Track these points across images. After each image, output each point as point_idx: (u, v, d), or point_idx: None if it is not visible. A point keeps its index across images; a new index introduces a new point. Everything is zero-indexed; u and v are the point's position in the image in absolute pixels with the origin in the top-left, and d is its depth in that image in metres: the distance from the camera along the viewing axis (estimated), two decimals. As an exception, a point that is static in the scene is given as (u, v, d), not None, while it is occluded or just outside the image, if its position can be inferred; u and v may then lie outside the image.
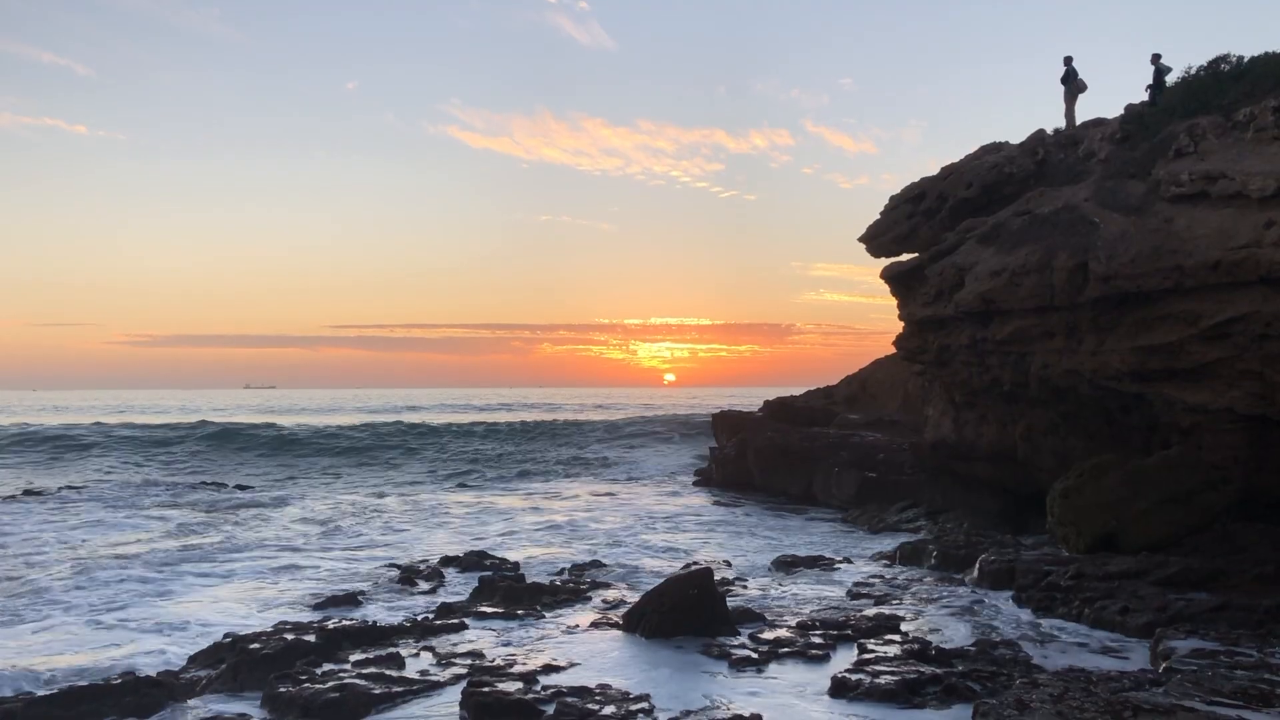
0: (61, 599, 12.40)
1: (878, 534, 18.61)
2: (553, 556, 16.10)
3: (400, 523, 20.73)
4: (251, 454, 37.51)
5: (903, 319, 19.64)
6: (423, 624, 10.57)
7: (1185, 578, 11.10)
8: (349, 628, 10.05)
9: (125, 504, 23.50)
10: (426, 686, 8.35)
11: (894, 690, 7.88)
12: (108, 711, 7.72)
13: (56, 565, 14.76)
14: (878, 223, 22.49)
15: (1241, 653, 8.40)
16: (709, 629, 9.98)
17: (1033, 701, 7.01)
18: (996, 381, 17.46)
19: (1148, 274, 14.24)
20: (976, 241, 17.70)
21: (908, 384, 27.74)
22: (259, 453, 37.83)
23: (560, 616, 11.29)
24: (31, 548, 16.65)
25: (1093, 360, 15.31)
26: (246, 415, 57.30)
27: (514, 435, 35.29)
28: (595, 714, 7.36)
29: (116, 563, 14.93)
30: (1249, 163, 14.09)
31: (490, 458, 34.34)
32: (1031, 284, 15.76)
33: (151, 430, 43.04)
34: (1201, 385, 14.26)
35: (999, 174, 19.42)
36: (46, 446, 38.95)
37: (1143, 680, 7.65)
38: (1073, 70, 20.89)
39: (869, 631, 10.05)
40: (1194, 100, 16.60)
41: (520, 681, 8.11)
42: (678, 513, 22.49)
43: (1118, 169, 16.76)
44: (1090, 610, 10.65)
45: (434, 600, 12.20)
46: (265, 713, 7.79)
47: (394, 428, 42.60)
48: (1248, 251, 13.23)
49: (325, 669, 8.65)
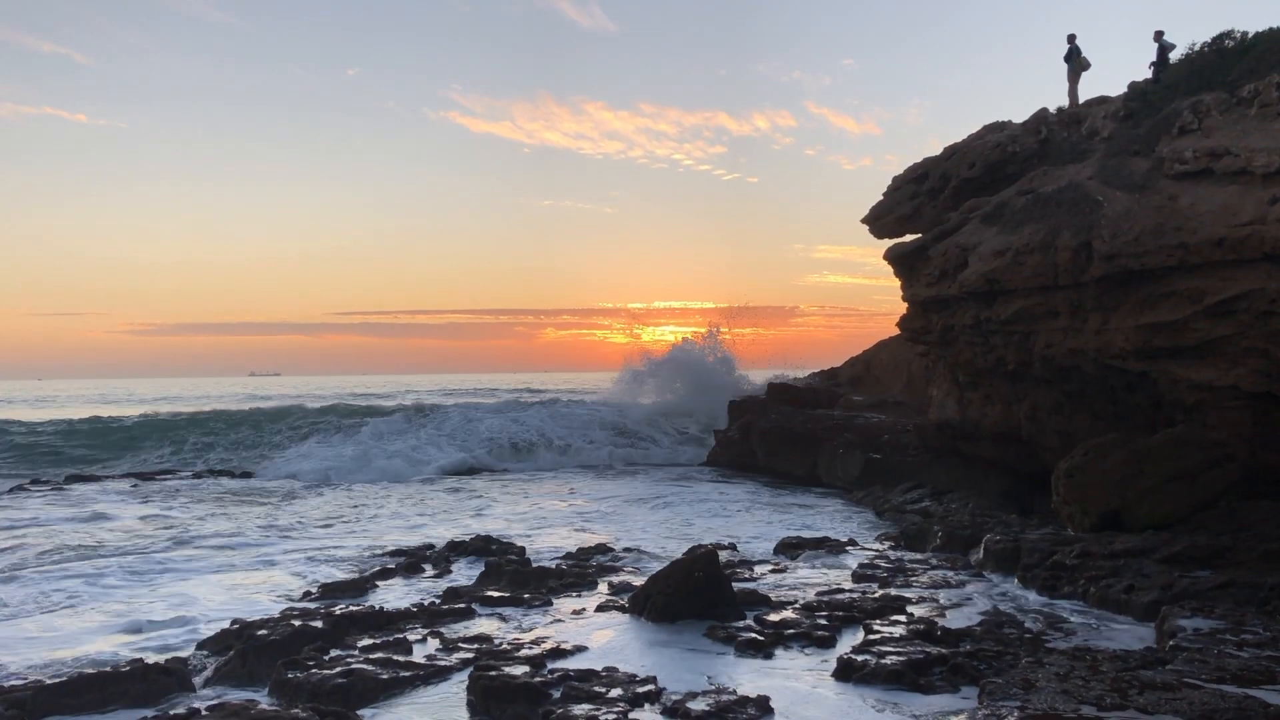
0: (63, 586, 12.43)
1: (882, 515, 18.62)
2: (559, 540, 16.15)
3: (405, 508, 20.79)
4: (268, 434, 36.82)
5: (906, 300, 19.62)
6: (429, 609, 10.61)
7: (1190, 555, 11.11)
8: (356, 614, 10.09)
9: (136, 491, 23.55)
10: (434, 671, 8.39)
11: (900, 671, 7.90)
12: (118, 699, 7.76)
13: (63, 551, 14.80)
14: (881, 204, 22.45)
15: (1248, 630, 8.41)
16: (714, 611, 10.01)
17: (1039, 680, 7.04)
18: (1001, 361, 17.44)
19: (1151, 252, 14.20)
20: (980, 221, 17.65)
21: (911, 365, 27.72)
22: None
23: (566, 600, 11.33)
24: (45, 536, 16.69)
25: (1097, 339, 15.29)
26: (254, 403, 57.14)
27: (516, 419, 35.28)
28: (602, 696, 7.39)
29: (126, 548, 14.98)
30: (1253, 139, 14.03)
31: (492, 441, 34.34)
32: (1035, 263, 15.72)
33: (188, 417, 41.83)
34: (1206, 363, 14.24)
35: (1002, 153, 19.36)
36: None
37: (1149, 658, 7.67)
38: (1076, 48, 20.80)
39: (874, 613, 10.07)
40: (1198, 77, 16.52)
41: (527, 665, 8.15)
42: (682, 495, 22.52)
43: (1121, 147, 16.69)
44: (1096, 589, 10.67)
45: (440, 585, 12.24)
46: (274, 699, 7.83)
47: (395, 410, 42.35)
48: (1252, 228, 13.19)
49: (333, 655, 8.69)
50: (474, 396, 55.75)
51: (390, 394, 67.67)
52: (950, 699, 7.50)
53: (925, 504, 18.86)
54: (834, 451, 23.44)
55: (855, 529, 17.00)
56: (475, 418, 35.26)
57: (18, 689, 7.82)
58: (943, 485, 19.58)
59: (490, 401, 45.31)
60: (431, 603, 11.06)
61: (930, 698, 7.55)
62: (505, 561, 13.04)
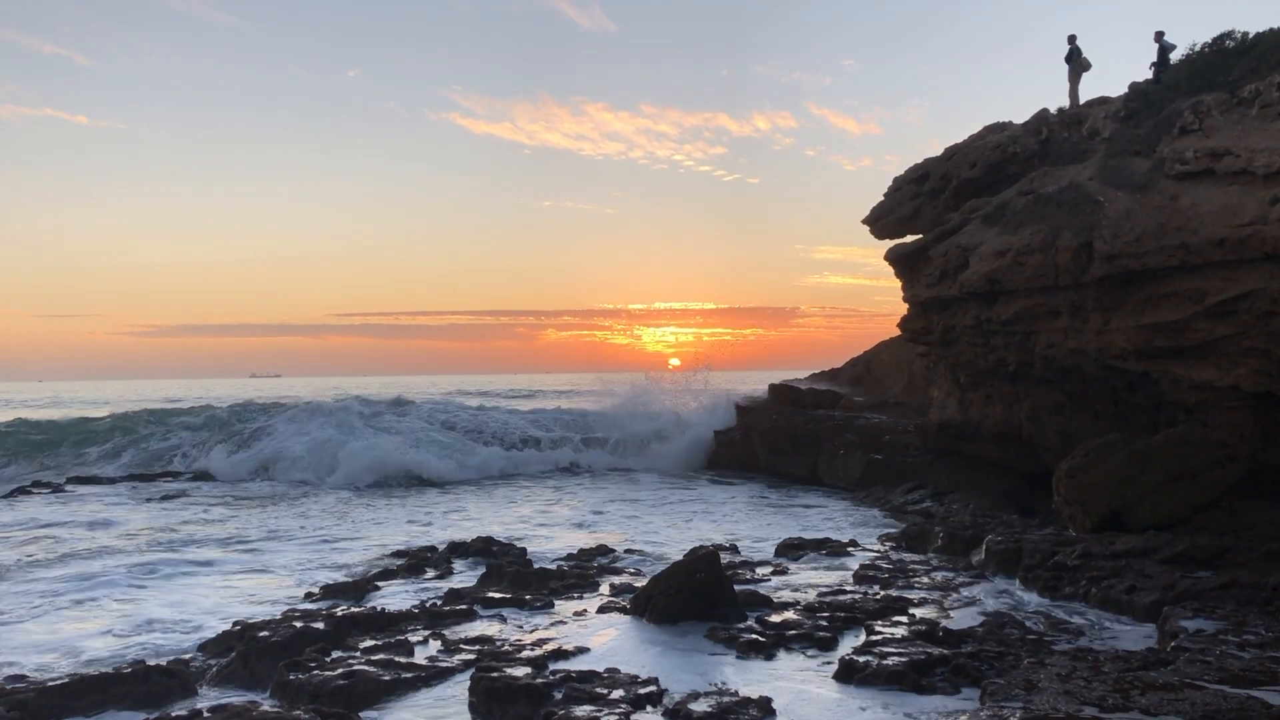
0: (64, 588, 12.42)
1: (884, 516, 18.62)
2: (559, 542, 16.14)
3: (406, 509, 20.79)
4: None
5: (907, 300, 19.62)
6: (431, 610, 10.60)
7: (1192, 556, 11.10)
8: (358, 615, 10.09)
9: (136, 493, 23.56)
10: (436, 673, 8.39)
11: (902, 672, 7.90)
12: (119, 701, 7.75)
13: (64, 553, 14.80)
14: (881, 204, 22.44)
15: (1250, 630, 8.41)
16: (716, 613, 10.00)
17: (1041, 681, 7.03)
18: (1001, 362, 17.44)
19: (1152, 252, 14.19)
20: (980, 222, 17.65)
21: (912, 365, 27.69)
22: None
23: (567, 602, 11.32)
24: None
25: (1098, 339, 15.28)
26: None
27: (517, 419, 35.31)
28: (604, 698, 7.38)
29: (128, 549, 14.97)
30: (1254, 139, 14.02)
31: (493, 442, 34.25)
32: (1036, 263, 15.72)
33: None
34: (1207, 363, 14.23)
35: (1003, 154, 19.36)
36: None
37: (1151, 659, 7.66)
38: (1076, 49, 20.79)
39: (876, 613, 10.06)
40: (1199, 77, 16.51)
41: (529, 666, 8.14)
42: (683, 496, 22.52)
43: (1122, 147, 16.69)
44: (1097, 589, 10.66)
45: (442, 587, 12.23)
46: (275, 700, 7.82)
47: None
48: (1253, 228, 13.19)
49: (334, 656, 8.69)
50: (488, 399, 55.31)
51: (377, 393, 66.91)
52: (952, 700, 7.50)
53: (926, 504, 18.86)
54: (835, 452, 23.44)
55: (856, 530, 16.98)
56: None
57: (20, 690, 7.81)
58: (944, 486, 19.58)
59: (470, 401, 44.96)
60: (433, 604, 11.05)
61: (932, 699, 7.54)
62: (506, 563, 13.03)
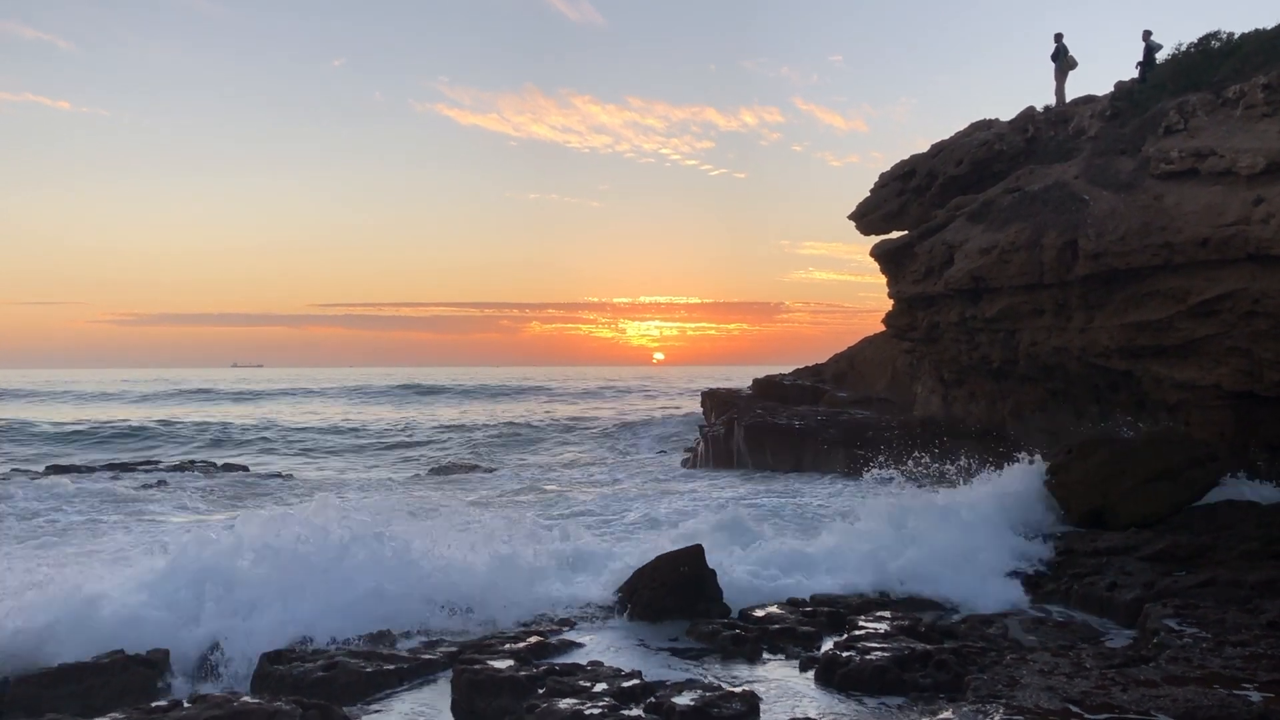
0: (40, 577, 12.28)
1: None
2: (541, 537, 16.06)
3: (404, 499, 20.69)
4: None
5: (892, 296, 19.67)
6: (413, 603, 10.52)
7: (1173, 554, 11.17)
8: (339, 607, 10.00)
9: (118, 482, 23.38)
10: (418, 665, 8.34)
11: (885, 667, 7.90)
12: (97, 691, 7.66)
13: (44, 539, 14.66)
14: (867, 200, 22.48)
15: (1230, 628, 8.46)
16: (700, 607, 9.99)
17: (1023, 677, 7.06)
18: (985, 359, 17.51)
19: (1137, 251, 14.27)
20: (966, 219, 17.70)
21: (896, 362, 27.76)
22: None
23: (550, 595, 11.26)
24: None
25: (1081, 337, 15.36)
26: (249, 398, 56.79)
27: (497, 417, 35.24)
28: (587, 691, 7.35)
29: (110, 537, 14.84)
30: (1238, 140, 14.11)
31: (472, 440, 34.22)
32: (1021, 261, 15.78)
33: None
34: (1189, 362, 14.33)
35: (989, 151, 19.43)
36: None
37: (1132, 656, 7.70)
38: (1063, 47, 20.85)
39: (859, 608, 10.08)
40: (1184, 77, 16.61)
41: (512, 660, 8.11)
42: (666, 490, 22.50)
43: (1107, 146, 16.77)
44: (1079, 586, 10.71)
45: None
46: (256, 692, 7.76)
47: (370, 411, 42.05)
48: (1236, 228, 13.27)
49: (316, 648, 8.63)
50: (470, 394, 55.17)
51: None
52: (934, 696, 7.51)
53: (909, 500, 18.89)
54: (818, 448, 23.48)
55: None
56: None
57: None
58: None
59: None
60: (415, 596, 10.96)
61: (915, 694, 7.55)
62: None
